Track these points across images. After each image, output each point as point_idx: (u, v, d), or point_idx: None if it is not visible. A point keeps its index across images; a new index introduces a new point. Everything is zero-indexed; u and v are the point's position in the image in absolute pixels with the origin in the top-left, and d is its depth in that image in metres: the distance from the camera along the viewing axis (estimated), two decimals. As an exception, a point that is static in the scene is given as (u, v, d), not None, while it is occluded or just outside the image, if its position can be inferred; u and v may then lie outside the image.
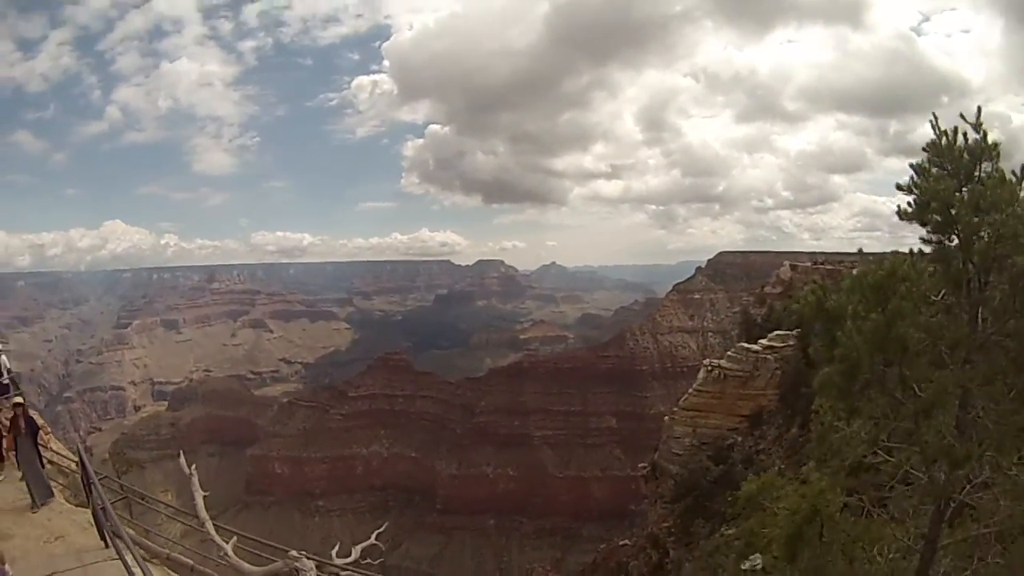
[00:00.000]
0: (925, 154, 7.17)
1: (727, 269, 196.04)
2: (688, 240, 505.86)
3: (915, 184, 7.20)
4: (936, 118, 7.22)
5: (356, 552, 12.99)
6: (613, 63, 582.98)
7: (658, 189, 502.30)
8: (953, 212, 6.93)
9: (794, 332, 61.43)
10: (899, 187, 7.08)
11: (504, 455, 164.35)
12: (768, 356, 60.87)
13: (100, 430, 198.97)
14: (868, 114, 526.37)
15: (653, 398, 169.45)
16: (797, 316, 64.94)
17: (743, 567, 38.21)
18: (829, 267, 76.30)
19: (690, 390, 66.82)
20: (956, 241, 7.16)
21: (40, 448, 13.06)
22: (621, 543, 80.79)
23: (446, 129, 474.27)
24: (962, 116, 7.02)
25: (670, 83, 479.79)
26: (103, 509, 9.86)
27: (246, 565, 11.59)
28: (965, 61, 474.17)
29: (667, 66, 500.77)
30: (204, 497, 13.59)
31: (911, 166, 7.27)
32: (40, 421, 13.06)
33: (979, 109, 6.88)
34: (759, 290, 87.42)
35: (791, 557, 6.72)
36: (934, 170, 7.15)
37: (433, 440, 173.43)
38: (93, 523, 10.94)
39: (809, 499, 6.51)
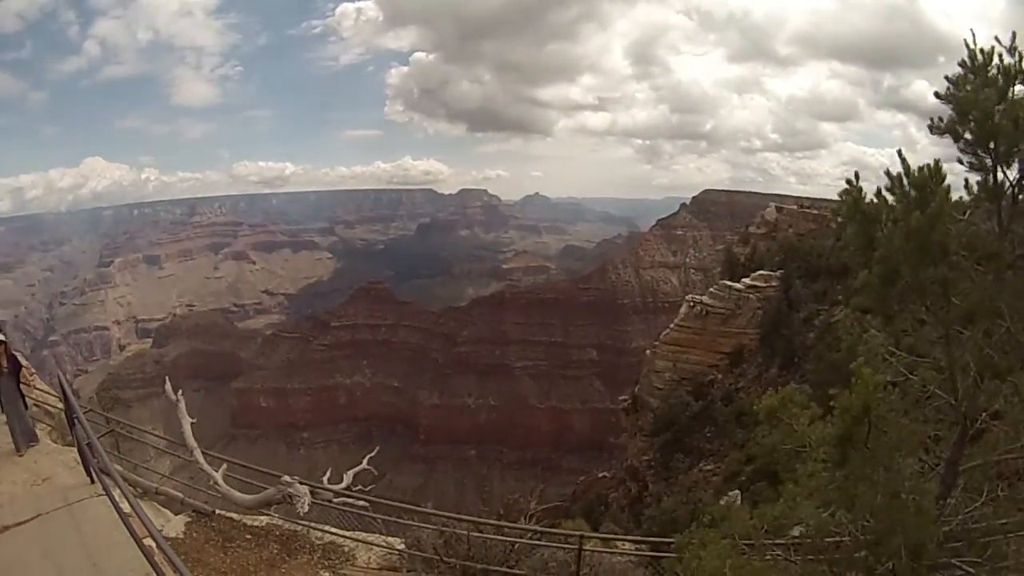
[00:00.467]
0: (960, 69, 7.13)
1: (711, 207, 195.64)
2: (673, 176, 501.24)
3: (951, 95, 7.17)
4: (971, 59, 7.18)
5: (348, 477, 13.07)
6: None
7: (645, 124, 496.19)
8: (994, 122, 6.89)
9: (777, 273, 62.08)
10: (937, 95, 7.04)
11: (485, 385, 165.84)
12: (750, 295, 61.55)
13: (87, 372, 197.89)
14: (863, 65, 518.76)
15: (634, 332, 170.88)
16: (780, 255, 65.89)
17: (721, 502, 39.23)
18: (815, 212, 76.72)
19: (672, 325, 67.55)
20: (994, 155, 7.08)
21: (23, 389, 12.56)
22: (600, 475, 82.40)
23: (432, 57, 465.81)
24: (997, 39, 6.99)
25: (662, 18, 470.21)
26: (88, 445, 9.67)
27: (236, 493, 11.42)
28: (965, 24, 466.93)
29: (660, 1, 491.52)
30: (191, 425, 13.07)
31: (946, 78, 7.22)
32: (24, 362, 12.50)
33: (1014, 34, 6.87)
34: (744, 229, 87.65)
35: (841, 460, 6.78)
36: (968, 88, 7.11)
37: (415, 370, 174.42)
38: (80, 461, 10.71)
39: (861, 396, 6.45)
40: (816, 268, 60.65)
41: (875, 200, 7.23)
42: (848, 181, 7.31)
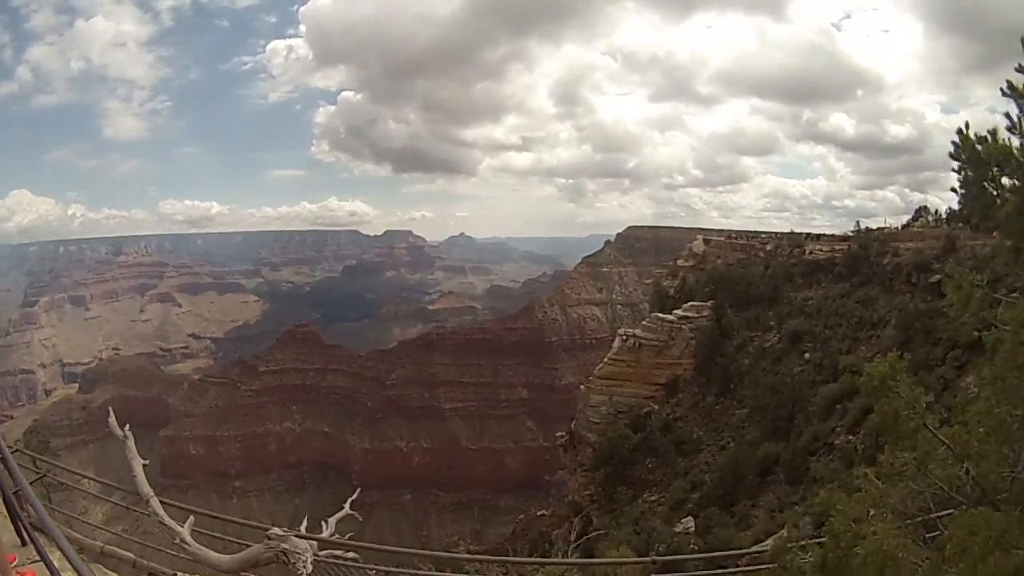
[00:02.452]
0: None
1: (636, 243, 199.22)
2: (597, 214, 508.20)
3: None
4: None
5: (332, 525, 10.66)
6: (532, 36, 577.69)
7: (569, 163, 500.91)
8: None
9: (708, 303, 63.16)
10: (1020, 69, 7.00)
11: (417, 428, 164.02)
12: (683, 326, 62.38)
13: (12, 417, 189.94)
14: (783, 101, 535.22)
15: (563, 369, 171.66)
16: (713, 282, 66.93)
17: (676, 529, 39.47)
18: (743, 242, 78.57)
19: (606, 359, 67.95)
20: None
21: None
22: (539, 513, 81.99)
23: (359, 96, 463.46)
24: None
25: (587, 59, 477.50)
26: (17, 494, 8.06)
27: (211, 553, 8.84)
28: (883, 59, 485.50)
29: (586, 43, 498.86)
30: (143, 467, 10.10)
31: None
32: None
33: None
34: (672, 263, 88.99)
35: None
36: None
37: (345, 414, 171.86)
38: (7, 516, 8.21)
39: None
40: (747, 296, 62.05)
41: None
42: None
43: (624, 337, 67.06)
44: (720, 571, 12.48)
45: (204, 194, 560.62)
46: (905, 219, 69.02)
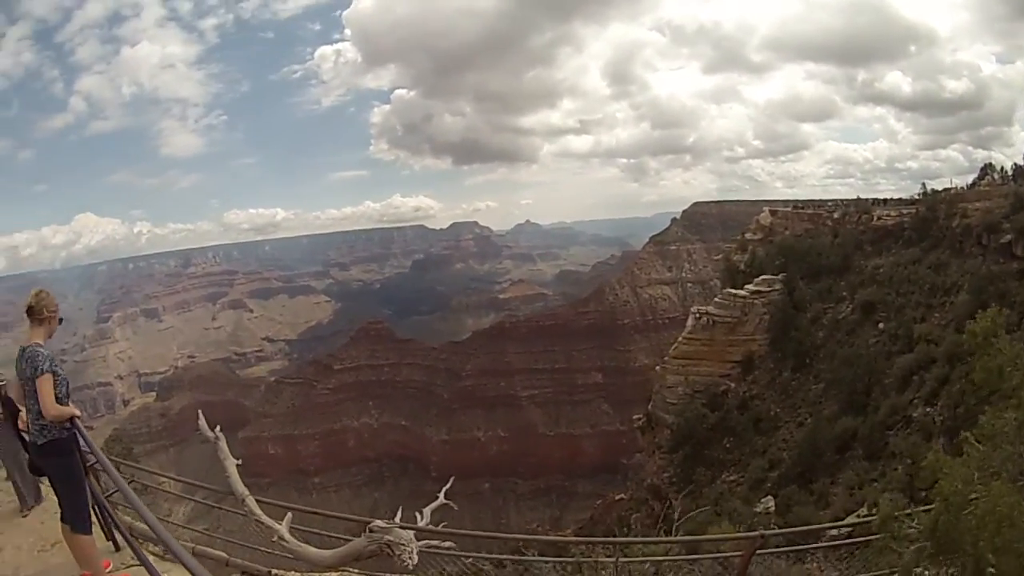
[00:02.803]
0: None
1: (702, 219, 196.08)
2: (661, 192, 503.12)
3: None
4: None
5: (427, 515, 10.63)
6: (577, 18, 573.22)
7: (628, 142, 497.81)
8: None
9: (779, 276, 61.77)
10: None
11: (493, 417, 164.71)
12: (755, 301, 61.15)
13: (92, 428, 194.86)
14: (836, 63, 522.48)
15: (636, 351, 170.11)
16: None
17: (757, 509, 38.61)
18: (810, 211, 76.61)
19: (680, 338, 67.06)
20: None
21: (24, 437, 9.74)
22: (618, 497, 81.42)
23: (412, 93, 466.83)
24: None
25: (635, 36, 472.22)
26: (109, 497, 8.36)
27: (312, 549, 8.69)
28: (932, 11, 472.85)
29: (632, 19, 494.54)
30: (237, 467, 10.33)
31: None
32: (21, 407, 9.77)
33: None
34: (740, 237, 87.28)
35: None
36: None
37: (422, 407, 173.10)
38: (100, 521, 8.72)
39: None
40: (817, 267, 60.45)
41: None
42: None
43: (697, 315, 66.06)
44: (821, 544, 12.27)
45: (268, 201, 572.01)
46: (971, 178, 66.82)
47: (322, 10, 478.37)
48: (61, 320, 8.65)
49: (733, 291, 64.15)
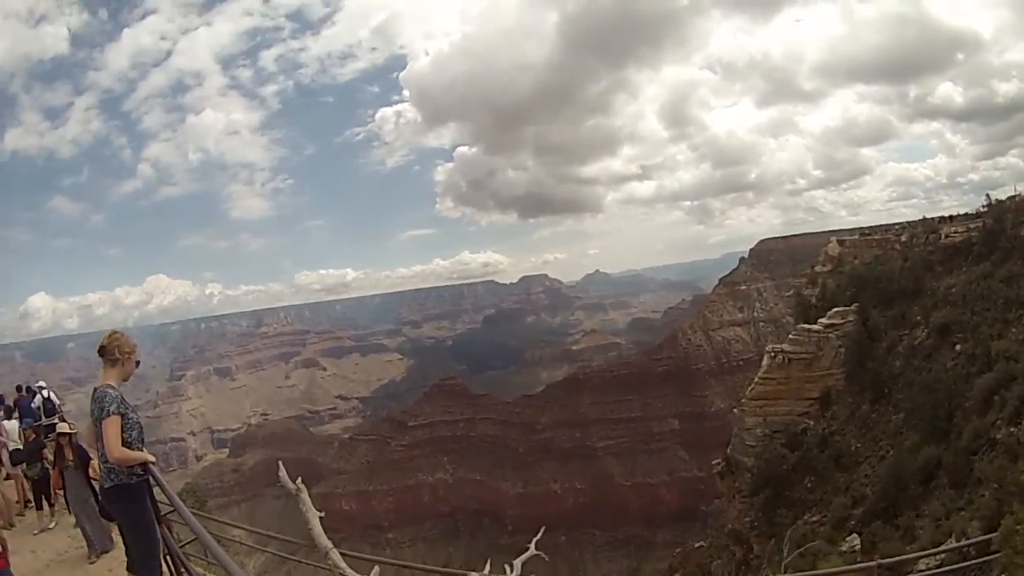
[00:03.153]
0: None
1: (770, 256, 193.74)
2: (728, 232, 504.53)
3: None
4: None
5: (517, 567, 10.71)
6: (630, 64, 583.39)
7: (690, 184, 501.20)
8: None
9: (852, 307, 60.08)
10: None
11: (569, 469, 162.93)
12: (830, 334, 59.30)
13: (165, 482, 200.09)
14: (886, 81, 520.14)
15: (712, 395, 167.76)
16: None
17: (842, 548, 36.86)
18: (877, 238, 74.74)
19: (756, 379, 65.30)
20: None
21: (94, 484, 10.52)
22: (697, 545, 79.54)
23: (474, 150, 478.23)
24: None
25: (687, 77, 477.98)
26: (184, 547, 8.33)
27: None
28: (972, 14, 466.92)
29: (683, 60, 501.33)
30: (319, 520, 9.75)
31: None
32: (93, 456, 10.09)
33: None
34: (810, 270, 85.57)
35: None
36: None
37: (497, 461, 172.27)
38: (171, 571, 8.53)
39: None
40: (889, 293, 58.48)
41: None
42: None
43: (772, 354, 64.35)
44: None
45: (337, 262, 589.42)
46: (1035, 184, 64.52)
47: (379, 72, 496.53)
48: (138, 363, 8.91)
49: (807, 326, 62.40)
